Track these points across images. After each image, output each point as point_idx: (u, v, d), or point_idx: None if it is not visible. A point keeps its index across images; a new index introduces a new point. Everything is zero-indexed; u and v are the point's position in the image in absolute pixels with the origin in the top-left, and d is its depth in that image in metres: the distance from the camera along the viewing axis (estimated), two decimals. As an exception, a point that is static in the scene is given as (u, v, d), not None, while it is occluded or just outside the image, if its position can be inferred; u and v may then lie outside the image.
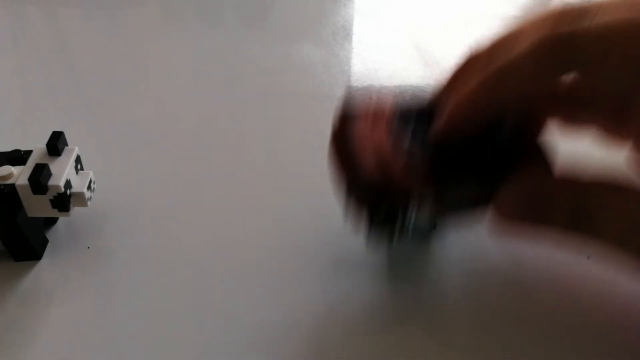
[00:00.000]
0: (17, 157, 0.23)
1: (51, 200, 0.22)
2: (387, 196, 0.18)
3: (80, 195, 0.23)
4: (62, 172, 0.22)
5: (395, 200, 0.18)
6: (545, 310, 0.22)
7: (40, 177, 0.21)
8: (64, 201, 0.22)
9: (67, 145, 0.24)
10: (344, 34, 0.32)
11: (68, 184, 0.22)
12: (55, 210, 0.22)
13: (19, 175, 0.22)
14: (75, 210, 0.24)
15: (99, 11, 0.50)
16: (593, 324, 0.21)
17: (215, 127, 0.33)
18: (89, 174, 0.24)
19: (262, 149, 0.31)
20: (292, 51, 0.43)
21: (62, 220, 0.26)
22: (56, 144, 0.23)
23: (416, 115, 0.19)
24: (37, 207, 0.22)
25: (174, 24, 0.49)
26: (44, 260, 0.24)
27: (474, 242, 0.24)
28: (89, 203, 0.23)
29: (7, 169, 0.22)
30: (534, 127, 0.19)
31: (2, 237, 0.22)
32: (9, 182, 0.22)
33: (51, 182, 0.22)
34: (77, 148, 0.23)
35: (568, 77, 0.18)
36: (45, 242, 0.24)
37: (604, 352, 0.21)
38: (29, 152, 0.23)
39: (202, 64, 0.40)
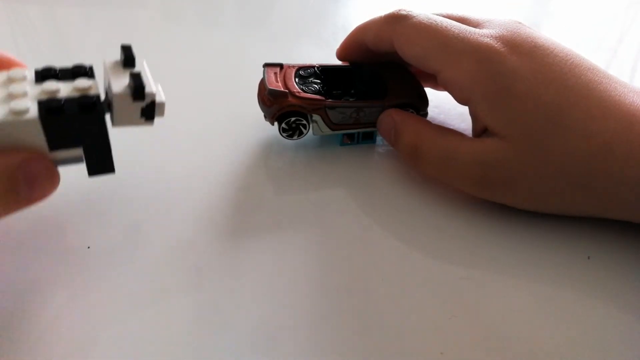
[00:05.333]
0: (82, 72, 0.23)
1: (142, 109, 0.22)
2: (290, 107, 0.29)
3: (161, 105, 0.23)
4: (148, 81, 0.22)
5: (294, 112, 0.29)
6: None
7: (140, 84, 0.21)
8: (152, 110, 0.22)
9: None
10: (345, 33, 0.33)
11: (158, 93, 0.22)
12: (143, 119, 0.22)
13: (96, 87, 0.22)
14: (76, 207, 0.24)
15: (99, 11, 0.50)
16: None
17: (216, 127, 0.33)
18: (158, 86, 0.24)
19: (265, 151, 0.31)
20: (292, 51, 0.43)
21: (61, 218, 0.25)
22: (132, 55, 0.23)
23: (310, 76, 0.31)
24: (126, 116, 0.22)
25: (174, 24, 0.49)
26: (44, 259, 0.24)
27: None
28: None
29: (87, 82, 0.22)
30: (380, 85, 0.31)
31: (86, 149, 0.22)
32: (91, 93, 0.21)
33: (147, 90, 0.22)
34: (144, 60, 0.24)
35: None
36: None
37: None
38: (91, 68, 0.23)
39: (202, 64, 0.40)
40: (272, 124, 0.30)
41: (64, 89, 0.21)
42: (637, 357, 0.20)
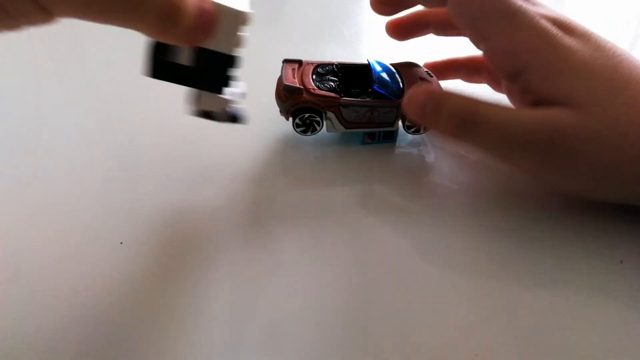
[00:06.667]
0: None
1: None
2: (304, 103, 0.29)
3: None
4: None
5: (308, 108, 0.29)
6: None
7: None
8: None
9: None
10: (367, 34, 0.33)
11: None
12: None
13: None
14: (108, 205, 0.23)
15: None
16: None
17: (233, 129, 0.33)
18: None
19: (282, 146, 0.31)
20: (316, 50, 0.43)
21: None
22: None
23: (328, 74, 0.31)
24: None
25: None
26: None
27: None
28: None
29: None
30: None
31: None
32: None
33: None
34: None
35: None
36: None
37: None
38: None
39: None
40: (287, 119, 0.30)
41: None
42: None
